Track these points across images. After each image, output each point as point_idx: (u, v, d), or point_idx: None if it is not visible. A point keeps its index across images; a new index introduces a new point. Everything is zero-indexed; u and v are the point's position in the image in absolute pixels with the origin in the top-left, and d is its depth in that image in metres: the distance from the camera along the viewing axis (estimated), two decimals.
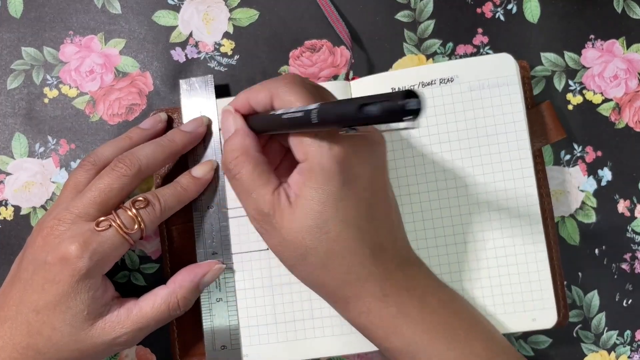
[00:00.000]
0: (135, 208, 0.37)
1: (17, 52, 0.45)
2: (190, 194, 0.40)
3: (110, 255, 0.36)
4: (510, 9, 0.45)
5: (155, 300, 0.38)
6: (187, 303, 0.39)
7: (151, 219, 0.37)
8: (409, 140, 0.42)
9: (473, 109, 0.41)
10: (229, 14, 0.45)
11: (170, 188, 0.39)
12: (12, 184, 0.44)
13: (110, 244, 0.36)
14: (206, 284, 0.40)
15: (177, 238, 0.43)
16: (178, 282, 0.39)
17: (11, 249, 0.44)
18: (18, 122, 0.45)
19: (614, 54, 0.45)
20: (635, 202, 0.44)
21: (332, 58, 0.45)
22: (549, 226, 0.42)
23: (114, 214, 0.36)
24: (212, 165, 0.41)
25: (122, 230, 0.36)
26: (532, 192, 0.41)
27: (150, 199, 0.37)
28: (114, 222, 0.36)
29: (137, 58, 0.45)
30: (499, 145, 0.41)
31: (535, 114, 0.43)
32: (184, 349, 0.42)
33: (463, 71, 0.41)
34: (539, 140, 0.43)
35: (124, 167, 0.37)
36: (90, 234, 0.35)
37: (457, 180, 0.41)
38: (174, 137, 0.40)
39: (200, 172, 0.40)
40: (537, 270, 0.41)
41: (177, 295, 0.38)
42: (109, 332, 0.36)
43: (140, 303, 0.38)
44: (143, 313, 0.37)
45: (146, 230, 0.37)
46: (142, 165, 0.38)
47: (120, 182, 0.37)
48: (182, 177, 0.40)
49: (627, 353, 0.44)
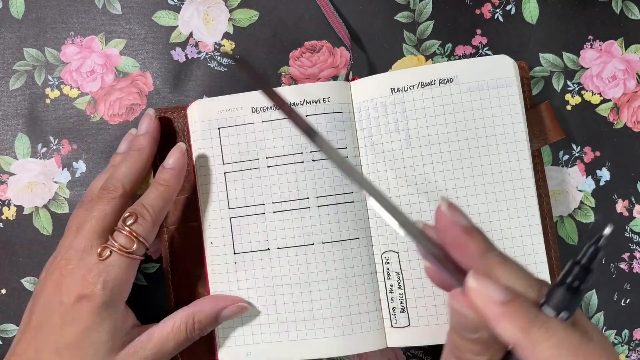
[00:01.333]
0: (127, 226, 0.37)
1: (19, 53, 0.46)
2: (173, 187, 0.40)
3: (122, 280, 0.37)
4: (509, 9, 0.45)
5: (175, 320, 0.39)
6: (203, 328, 0.39)
7: (145, 229, 0.38)
8: (408, 140, 0.42)
9: (472, 110, 0.42)
10: (229, 15, 0.46)
11: (152, 191, 0.39)
12: (15, 184, 0.45)
13: (118, 269, 0.36)
14: (226, 317, 0.40)
15: (177, 238, 0.43)
16: (199, 306, 0.40)
17: (13, 249, 0.44)
18: (21, 122, 0.45)
19: (613, 54, 0.45)
20: (634, 202, 0.44)
21: (332, 59, 0.45)
22: (548, 226, 0.42)
23: (111, 239, 0.37)
24: (180, 149, 0.41)
25: (124, 253, 0.37)
26: (531, 192, 0.41)
27: (138, 210, 0.38)
28: (113, 247, 0.37)
29: (137, 58, 0.45)
30: (498, 146, 0.41)
31: (534, 115, 0.43)
32: (188, 348, 0.42)
33: (462, 72, 0.42)
34: (538, 141, 0.43)
35: (110, 192, 0.38)
36: (96, 266, 0.36)
37: (456, 181, 0.41)
38: (137, 144, 0.41)
39: (171, 162, 0.40)
40: (535, 272, 0.41)
41: (194, 317, 0.39)
42: (132, 356, 0.37)
43: (160, 326, 0.39)
44: (163, 335, 0.38)
45: (147, 241, 0.38)
46: (125, 184, 0.39)
47: (112, 206, 0.38)
48: (158, 175, 0.40)
49: (625, 352, 0.44)
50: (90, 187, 0.41)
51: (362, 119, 0.42)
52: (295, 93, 0.42)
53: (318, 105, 0.42)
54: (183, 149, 0.41)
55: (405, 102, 0.42)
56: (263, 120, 0.42)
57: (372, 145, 0.42)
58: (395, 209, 0.30)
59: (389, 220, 0.29)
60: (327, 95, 0.42)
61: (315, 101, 0.42)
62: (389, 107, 0.42)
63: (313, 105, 0.42)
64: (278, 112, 0.42)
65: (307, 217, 0.42)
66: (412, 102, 0.42)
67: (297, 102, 0.42)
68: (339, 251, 0.41)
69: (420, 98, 0.42)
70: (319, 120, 0.42)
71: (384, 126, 0.42)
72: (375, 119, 0.42)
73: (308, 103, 0.42)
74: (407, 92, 0.42)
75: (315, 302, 0.41)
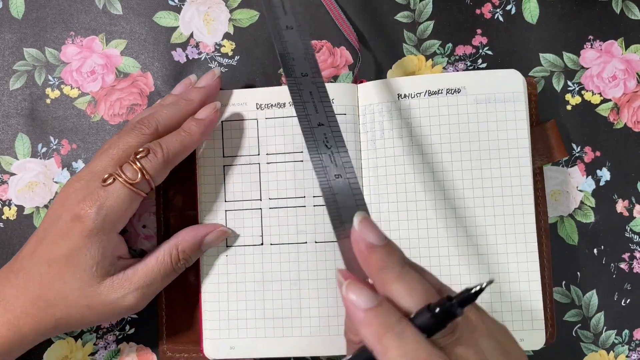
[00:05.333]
0: (137, 159, 0.37)
1: (19, 52, 0.46)
2: (195, 137, 0.40)
3: (119, 210, 0.37)
4: (510, 9, 0.45)
5: (159, 254, 0.39)
6: (187, 258, 0.40)
7: (154, 166, 0.38)
8: (411, 146, 0.42)
9: (477, 122, 0.42)
10: (230, 15, 0.46)
11: (173, 134, 0.39)
12: (15, 184, 0.45)
13: (116, 198, 0.37)
14: (208, 244, 0.41)
15: (175, 226, 0.43)
16: (180, 236, 0.40)
17: (13, 249, 0.44)
18: (21, 122, 0.45)
19: (613, 54, 0.45)
20: (634, 202, 0.44)
21: (332, 59, 0.45)
22: (544, 244, 0.42)
23: (119, 169, 0.37)
24: (214, 106, 0.41)
25: (127, 183, 0.37)
26: (530, 209, 0.41)
27: (152, 147, 0.38)
28: (118, 177, 0.37)
29: (138, 59, 0.45)
30: (500, 160, 0.41)
31: (539, 132, 0.43)
32: (173, 335, 0.43)
33: (471, 83, 0.42)
34: (541, 159, 0.43)
35: (142, 127, 0.39)
36: (97, 190, 0.37)
37: (456, 191, 0.41)
38: (189, 95, 0.41)
39: (203, 114, 0.40)
40: (528, 290, 0.41)
41: (178, 247, 0.39)
42: (117, 289, 0.37)
43: (145, 260, 0.39)
44: (149, 268, 0.39)
45: (153, 180, 0.38)
46: (160, 125, 0.39)
47: (137, 140, 0.38)
48: (185, 123, 0.40)
49: (626, 352, 0.44)
50: (134, 118, 0.41)
51: (367, 122, 0.42)
52: None
53: None
54: (217, 107, 0.41)
55: (412, 109, 0.42)
56: (267, 117, 0.42)
57: (375, 149, 0.42)
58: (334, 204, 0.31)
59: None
60: (332, 97, 0.42)
61: None
62: (395, 113, 0.42)
63: None
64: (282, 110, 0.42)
65: (303, 216, 0.42)
66: (418, 110, 0.42)
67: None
68: (331, 251, 0.42)
69: (426, 106, 0.42)
70: None
71: (388, 131, 0.42)
72: (380, 123, 0.42)
73: None
74: (414, 99, 0.42)
75: (303, 300, 0.41)
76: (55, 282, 0.37)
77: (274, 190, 0.42)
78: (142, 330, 0.44)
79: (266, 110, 0.42)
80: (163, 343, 0.43)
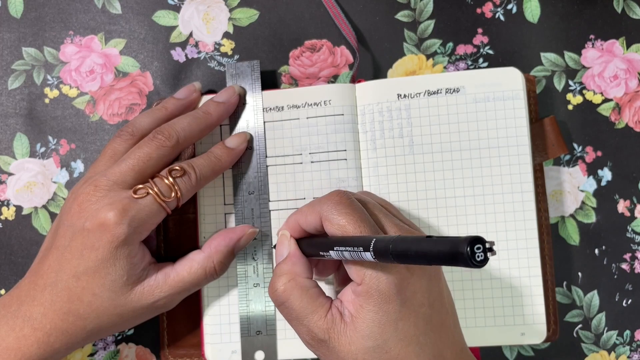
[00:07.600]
0: (172, 177, 0.37)
1: (18, 52, 0.45)
2: (224, 164, 0.40)
3: (148, 223, 0.37)
4: (510, 8, 0.45)
5: (192, 265, 0.39)
6: (223, 267, 0.40)
7: (187, 187, 0.38)
8: (411, 146, 0.42)
9: (477, 120, 0.41)
10: (229, 14, 0.45)
11: (204, 158, 0.39)
12: (14, 184, 0.45)
13: (148, 212, 0.36)
14: (240, 248, 0.40)
15: (173, 229, 0.43)
16: (214, 247, 0.39)
17: (12, 249, 0.44)
18: (19, 122, 0.45)
19: (614, 54, 0.45)
20: (635, 202, 0.44)
21: (332, 58, 0.45)
22: (545, 241, 0.42)
23: (151, 182, 0.37)
24: (245, 136, 0.41)
25: (160, 198, 0.36)
26: (530, 206, 0.41)
27: (187, 168, 0.38)
28: (151, 190, 0.36)
29: (137, 58, 0.45)
30: (500, 158, 0.41)
31: (538, 129, 0.43)
32: (174, 339, 0.43)
33: (469, 82, 0.42)
34: (540, 155, 0.42)
35: (163, 138, 0.38)
36: (128, 201, 0.36)
37: (456, 190, 0.41)
38: (208, 109, 0.41)
39: (233, 143, 0.41)
40: (529, 285, 0.41)
41: (213, 260, 0.39)
42: (147, 296, 0.37)
43: (177, 268, 0.38)
44: (180, 277, 0.38)
45: (182, 199, 0.38)
46: (180, 137, 0.39)
47: (159, 152, 0.38)
48: (215, 148, 0.40)
49: (627, 353, 0.44)
50: (138, 120, 0.40)
51: (366, 122, 0.42)
52: (296, 95, 0.42)
53: (319, 107, 0.42)
54: (247, 137, 0.41)
55: (411, 108, 0.42)
56: (265, 120, 0.42)
57: (375, 148, 0.42)
58: None
59: None
60: (329, 97, 0.42)
61: (317, 104, 0.42)
62: (394, 113, 0.42)
63: (314, 107, 0.42)
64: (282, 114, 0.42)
65: None
66: (418, 109, 0.42)
67: (298, 105, 0.42)
68: None
69: (426, 106, 0.42)
70: (319, 123, 0.42)
71: (387, 131, 0.42)
72: (379, 122, 0.42)
73: (310, 106, 0.42)
74: (414, 98, 0.42)
75: None
76: (84, 295, 0.36)
77: (274, 192, 0.42)
78: (141, 331, 0.44)
79: (265, 113, 0.42)
80: (164, 347, 0.43)
